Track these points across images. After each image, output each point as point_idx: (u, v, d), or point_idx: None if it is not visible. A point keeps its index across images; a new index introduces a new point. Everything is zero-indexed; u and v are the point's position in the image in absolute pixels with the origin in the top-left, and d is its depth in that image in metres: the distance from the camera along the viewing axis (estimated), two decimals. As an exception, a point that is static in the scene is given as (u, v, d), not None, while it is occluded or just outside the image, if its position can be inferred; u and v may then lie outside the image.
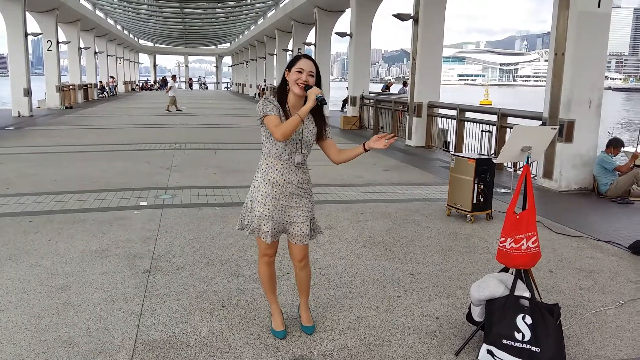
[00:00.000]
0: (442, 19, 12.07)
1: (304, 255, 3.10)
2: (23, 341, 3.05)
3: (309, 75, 2.87)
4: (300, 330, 3.23)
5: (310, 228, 3.07)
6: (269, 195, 2.95)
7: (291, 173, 2.95)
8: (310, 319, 3.27)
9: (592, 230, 5.65)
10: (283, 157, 2.93)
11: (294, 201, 2.99)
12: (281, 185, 2.94)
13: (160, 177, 7.97)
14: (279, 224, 2.99)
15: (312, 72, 2.88)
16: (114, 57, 42.93)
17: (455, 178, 5.97)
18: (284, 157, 2.93)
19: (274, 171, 2.95)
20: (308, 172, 3.06)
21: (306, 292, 3.25)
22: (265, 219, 2.95)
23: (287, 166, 2.94)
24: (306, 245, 3.08)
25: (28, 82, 19.00)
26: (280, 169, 2.94)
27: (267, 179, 2.97)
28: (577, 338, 3.25)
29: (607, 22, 7.59)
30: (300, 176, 2.98)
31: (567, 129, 7.55)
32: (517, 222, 3.00)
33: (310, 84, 2.86)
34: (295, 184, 2.97)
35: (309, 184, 3.06)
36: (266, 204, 2.95)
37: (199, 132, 14.60)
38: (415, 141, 12.33)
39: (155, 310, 3.48)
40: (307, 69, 2.86)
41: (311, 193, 3.09)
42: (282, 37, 31.25)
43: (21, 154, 10.08)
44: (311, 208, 3.07)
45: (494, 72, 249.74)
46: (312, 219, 3.08)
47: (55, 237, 4.98)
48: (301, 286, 3.23)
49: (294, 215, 3.00)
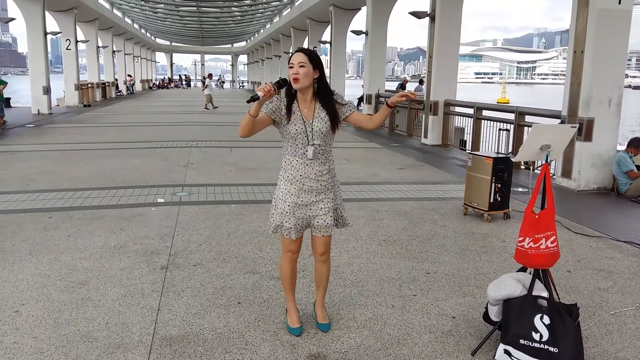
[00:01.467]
0: (459, 16, 11.98)
1: (326, 249, 3.10)
2: (43, 335, 3.10)
3: (300, 66, 2.83)
4: (316, 328, 3.24)
5: (334, 218, 3.04)
6: (289, 192, 2.95)
7: (307, 167, 2.92)
8: (325, 316, 3.27)
9: (611, 231, 5.57)
10: (298, 152, 2.93)
11: (314, 195, 2.96)
12: (299, 181, 2.93)
13: (177, 174, 8.03)
14: (301, 219, 2.98)
15: (301, 62, 2.84)
16: (131, 55, 43.33)
17: (472, 177, 5.93)
18: (299, 153, 2.92)
19: (291, 168, 2.96)
20: (328, 163, 2.99)
21: (324, 288, 3.24)
22: (287, 215, 2.96)
23: (303, 161, 2.92)
24: (329, 238, 3.07)
25: (47, 80, 19.26)
26: (297, 165, 2.94)
27: (285, 176, 2.98)
28: (595, 339, 3.22)
29: (627, 19, 7.47)
30: (318, 169, 2.94)
31: (587, 128, 7.45)
32: (536, 221, 2.97)
33: (301, 74, 2.82)
34: (313, 177, 2.93)
35: (329, 174, 2.99)
36: (286, 201, 2.95)
37: (215, 130, 14.68)
38: (431, 139, 12.26)
39: (173, 306, 3.51)
40: (296, 62, 2.84)
41: (334, 183, 3.04)
42: (298, 35, 31.26)
43: (41, 151, 10.24)
44: (334, 198, 3.02)
45: (511, 70, 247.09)
46: (335, 209, 3.05)
47: (75, 233, 5.06)
48: (319, 281, 3.22)
49: (315, 209, 2.98)
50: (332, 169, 3.03)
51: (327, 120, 2.93)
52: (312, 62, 2.85)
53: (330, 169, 3.01)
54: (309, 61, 2.85)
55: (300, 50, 2.91)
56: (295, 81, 2.84)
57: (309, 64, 2.84)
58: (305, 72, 2.83)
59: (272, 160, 9.39)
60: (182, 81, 63.48)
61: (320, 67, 2.90)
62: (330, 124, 2.93)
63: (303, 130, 2.89)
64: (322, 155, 2.95)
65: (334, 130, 2.96)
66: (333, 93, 2.98)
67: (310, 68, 2.85)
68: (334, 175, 3.06)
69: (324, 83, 2.95)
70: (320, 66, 2.90)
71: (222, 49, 72.27)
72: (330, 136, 2.97)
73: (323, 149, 2.94)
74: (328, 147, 2.98)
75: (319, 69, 2.90)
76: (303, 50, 2.90)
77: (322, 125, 2.92)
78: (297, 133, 2.89)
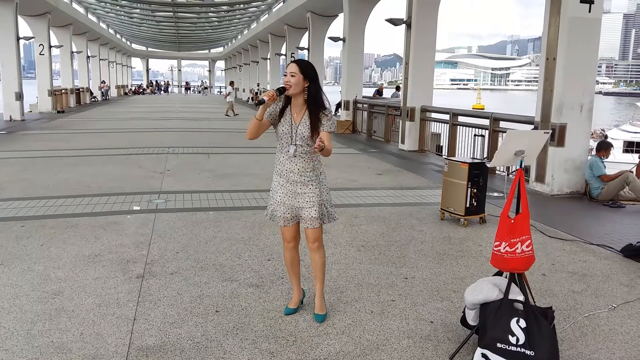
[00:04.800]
0: (434, 24, 12.13)
1: (315, 237, 3.37)
2: (15, 347, 3.02)
3: (291, 76, 3.21)
4: (296, 335, 3.23)
5: (319, 212, 3.33)
6: (278, 184, 3.36)
7: (291, 163, 3.29)
8: (322, 307, 3.49)
9: (584, 234, 5.68)
10: (284, 150, 3.31)
11: (299, 188, 3.30)
12: (284, 174, 3.32)
13: (154, 181, 7.94)
14: (290, 209, 3.33)
15: (292, 72, 3.21)
16: (106, 61, 42.77)
17: (448, 182, 6.00)
18: (284, 150, 3.30)
19: (279, 163, 3.36)
20: (313, 162, 3.32)
21: (321, 277, 3.46)
22: (278, 204, 3.35)
23: (287, 157, 3.30)
24: (317, 229, 3.35)
25: (20, 86, 18.91)
26: (283, 160, 3.33)
27: (275, 170, 3.39)
28: (570, 341, 3.27)
29: (597, 27, 7.66)
30: (301, 165, 3.28)
31: (559, 133, 7.60)
32: (512, 226, 3.02)
33: (292, 82, 3.19)
34: (297, 172, 3.29)
35: (313, 172, 3.31)
36: (277, 192, 3.36)
37: (192, 136, 14.57)
38: (408, 145, 12.36)
39: (149, 316, 3.46)
40: (289, 72, 3.23)
41: (319, 180, 3.34)
42: (276, 41, 31.29)
43: (13, 158, 10.02)
44: (319, 194, 3.33)
45: (485, 76, 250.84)
46: (320, 204, 3.33)
47: (48, 242, 4.95)
48: (315, 270, 3.45)
49: (302, 201, 3.31)
50: (317, 168, 3.35)
51: (309, 125, 3.26)
52: (302, 73, 3.22)
53: (315, 167, 3.33)
54: (299, 71, 3.21)
55: (294, 61, 3.30)
56: (287, 88, 3.21)
57: (299, 74, 3.21)
58: (296, 81, 3.20)
59: (250, 167, 9.35)
60: (160, 87, 62.81)
61: (310, 77, 3.24)
62: (310, 130, 3.25)
63: (289, 131, 3.27)
64: (305, 155, 3.28)
65: (313, 136, 3.25)
66: (322, 104, 3.31)
67: (300, 77, 3.21)
68: (320, 174, 3.37)
69: (312, 92, 3.27)
70: (311, 76, 3.25)
71: (199, 54, 71.91)
72: (312, 140, 3.25)
73: (304, 150, 3.27)
74: (311, 149, 3.27)
75: (309, 79, 3.24)
76: (296, 62, 3.29)
77: (304, 130, 3.26)
78: (284, 133, 3.29)
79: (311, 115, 3.26)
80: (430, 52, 12.31)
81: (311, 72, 3.24)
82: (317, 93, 3.28)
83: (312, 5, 20.84)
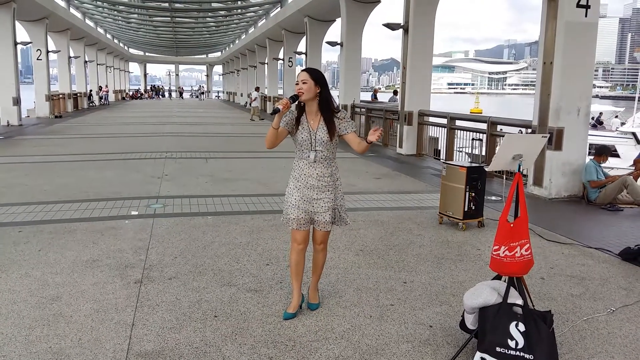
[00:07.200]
0: (431, 28, 12.17)
1: (323, 240, 3.55)
2: (13, 353, 3.01)
3: (303, 83, 3.35)
4: (295, 340, 3.22)
5: (332, 216, 3.48)
6: (295, 187, 3.46)
7: (310, 168, 3.42)
8: (316, 297, 3.70)
9: (583, 238, 5.69)
10: (303, 155, 3.43)
11: (315, 193, 3.42)
12: (302, 178, 3.43)
13: (152, 186, 7.93)
14: (305, 212, 3.43)
15: (303, 79, 3.35)
16: (104, 65, 42.77)
17: (446, 186, 6.00)
18: (304, 156, 3.43)
19: (297, 168, 3.48)
20: (331, 167, 3.46)
21: (318, 273, 3.67)
22: (292, 207, 3.44)
23: (307, 163, 3.43)
24: (327, 232, 3.51)
25: (17, 91, 18.89)
26: (302, 165, 3.45)
27: (293, 174, 3.50)
28: (569, 345, 3.27)
29: (594, 31, 7.70)
30: (320, 170, 3.42)
31: (557, 137, 7.62)
32: (511, 230, 3.02)
33: (304, 89, 3.33)
34: (315, 177, 3.41)
35: (331, 177, 3.45)
36: (292, 195, 3.46)
37: (190, 141, 14.55)
38: (406, 149, 12.37)
39: (147, 321, 3.45)
40: (300, 80, 3.37)
41: (335, 186, 3.49)
42: (273, 46, 31.31)
43: (10, 164, 10.00)
44: (333, 199, 3.47)
45: (483, 80, 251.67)
46: (334, 209, 3.48)
47: (46, 247, 4.94)
48: (315, 267, 3.65)
49: (317, 206, 3.44)
50: (334, 174, 3.49)
51: (327, 130, 3.40)
52: (313, 79, 3.35)
53: (333, 173, 3.48)
54: (310, 78, 3.35)
55: (304, 70, 3.47)
56: (300, 95, 3.35)
57: (310, 80, 3.35)
58: (307, 87, 3.34)
59: (248, 171, 9.35)
60: (158, 91, 62.80)
61: (321, 83, 3.38)
62: (328, 134, 3.39)
63: (308, 138, 3.40)
64: (325, 160, 3.43)
65: (332, 139, 3.40)
66: (334, 108, 3.44)
67: (311, 84, 3.35)
68: (337, 180, 3.52)
69: (324, 97, 3.40)
70: (322, 82, 3.38)
71: (197, 59, 71.92)
72: (331, 144, 3.42)
73: (324, 155, 3.42)
74: (330, 154, 3.45)
75: (320, 85, 3.38)
76: (307, 70, 3.44)
77: (323, 135, 3.40)
78: (303, 140, 3.41)
79: (327, 120, 3.40)
80: (427, 56, 12.34)
81: (321, 78, 3.39)
82: (329, 98, 3.43)
83: (309, 10, 20.89)
